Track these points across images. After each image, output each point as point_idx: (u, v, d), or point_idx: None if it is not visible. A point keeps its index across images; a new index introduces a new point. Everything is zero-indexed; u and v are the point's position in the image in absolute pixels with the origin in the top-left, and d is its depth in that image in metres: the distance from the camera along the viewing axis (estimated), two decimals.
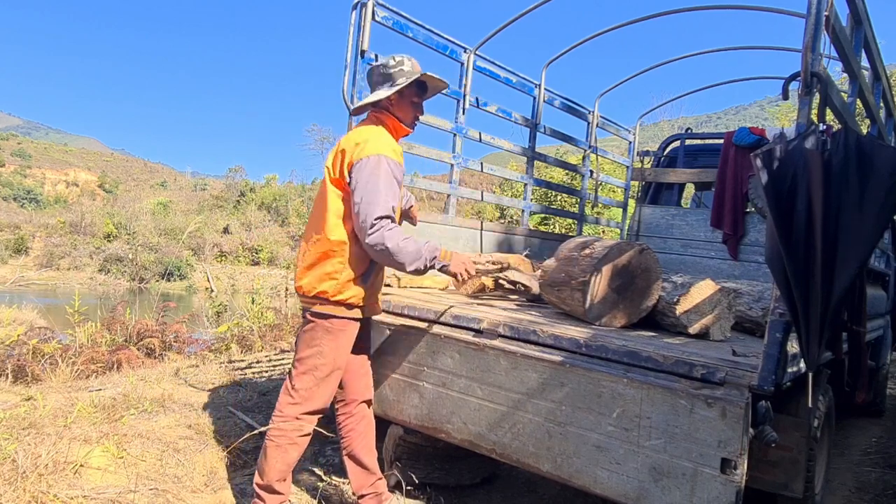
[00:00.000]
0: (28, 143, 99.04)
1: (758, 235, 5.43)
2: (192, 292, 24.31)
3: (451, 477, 3.36)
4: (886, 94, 3.88)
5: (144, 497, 2.72)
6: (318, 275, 2.61)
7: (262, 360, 5.85)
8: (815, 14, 2.14)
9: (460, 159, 4.54)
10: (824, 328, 2.06)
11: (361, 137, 2.60)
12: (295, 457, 2.71)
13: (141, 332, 6.49)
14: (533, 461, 2.57)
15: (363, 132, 2.64)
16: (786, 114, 15.66)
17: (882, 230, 2.18)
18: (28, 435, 2.92)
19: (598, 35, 5.39)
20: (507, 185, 19.28)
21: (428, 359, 2.95)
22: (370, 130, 2.65)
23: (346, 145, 2.60)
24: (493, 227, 5.00)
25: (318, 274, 2.61)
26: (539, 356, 2.58)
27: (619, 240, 4.07)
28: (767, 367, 2.10)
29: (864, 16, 2.85)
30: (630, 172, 6.69)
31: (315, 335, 2.65)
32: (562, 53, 5.50)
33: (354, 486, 2.91)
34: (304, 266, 2.66)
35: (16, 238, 28.78)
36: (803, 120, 2.17)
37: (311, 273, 2.62)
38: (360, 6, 3.51)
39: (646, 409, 2.28)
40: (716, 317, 2.99)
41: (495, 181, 25.49)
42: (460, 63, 4.54)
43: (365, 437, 2.89)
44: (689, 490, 2.16)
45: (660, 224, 6.13)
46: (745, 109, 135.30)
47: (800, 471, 2.39)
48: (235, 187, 42.93)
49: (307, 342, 2.66)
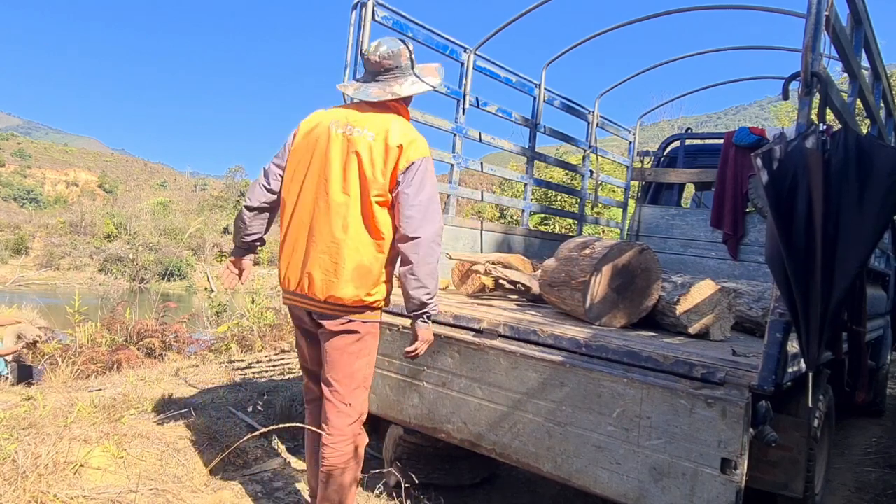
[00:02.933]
0: (28, 143, 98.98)
1: (758, 235, 5.43)
2: (191, 292, 24.31)
3: (451, 477, 3.36)
4: (886, 94, 3.88)
5: (144, 497, 2.72)
6: (369, 280, 2.35)
7: (262, 360, 5.85)
8: (815, 14, 2.14)
9: (460, 159, 4.54)
10: (824, 328, 2.06)
11: (412, 133, 2.39)
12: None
13: (141, 332, 6.50)
14: (533, 461, 2.57)
15: (407, 126, 2.41)
16: (786, 114, 15.65)
17: (882, 230, 2.18)
18: (28, 435, 2.92)
19: (598, 35, 5.39)
20: (507, 185, 19.29)
21: (428, 359, 2.95)
22: (410, 126, 2.44)
23: (402, 139, 2.32)
24: (493, 227, 5.00)
25: (370, 280, 2.35)
26: (539, 356, 2.58)
27: (619, 240, 4.07)
28: (767, 367, 2.10)
29: (864, 16, 2.85)
30: (630, 172, 6.68)
31: (367, 345, 2.43)
32: (562, 53, 5.50)
33: (313, 487, 2.69)
34: (338, 270, 2.31)
35: (16, 238, 28.78)
36: (803, 120, 2.17)
37: (355, 279, 2.32)
38: (360, 6, 3.51)
39: (646, 409, 2.28)
40: (716, 317, 2.99)
41: (495, 181, 25.48)
42: (460, 63, 4.54)
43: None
44: (689, 490, 2.16)
45: (660, 224, 6.12)
46: (745, 109, 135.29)
47: (800, 471, 2.39)
48: (235, 187, 42.94)
49: (357, 354, 2.41)
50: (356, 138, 2.35)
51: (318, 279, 2.34)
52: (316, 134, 2.42)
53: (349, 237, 2.32)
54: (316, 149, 2.40)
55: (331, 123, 2.41)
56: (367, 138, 2.33)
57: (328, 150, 2.37)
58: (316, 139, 2.42)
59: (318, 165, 2.38)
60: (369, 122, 2.38)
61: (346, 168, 2.34)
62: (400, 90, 2.43)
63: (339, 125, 2.39)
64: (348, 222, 2.32)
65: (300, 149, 2.45)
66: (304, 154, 2.43)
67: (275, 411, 4.02)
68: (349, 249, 2.31)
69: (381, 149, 2.32)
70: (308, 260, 2.36)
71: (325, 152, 2.38)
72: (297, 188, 2.43)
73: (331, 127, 2.40)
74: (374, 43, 2.48)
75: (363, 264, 2.33)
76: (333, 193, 2.34)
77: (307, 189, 2.40)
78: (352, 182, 2.33)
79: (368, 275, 2.35)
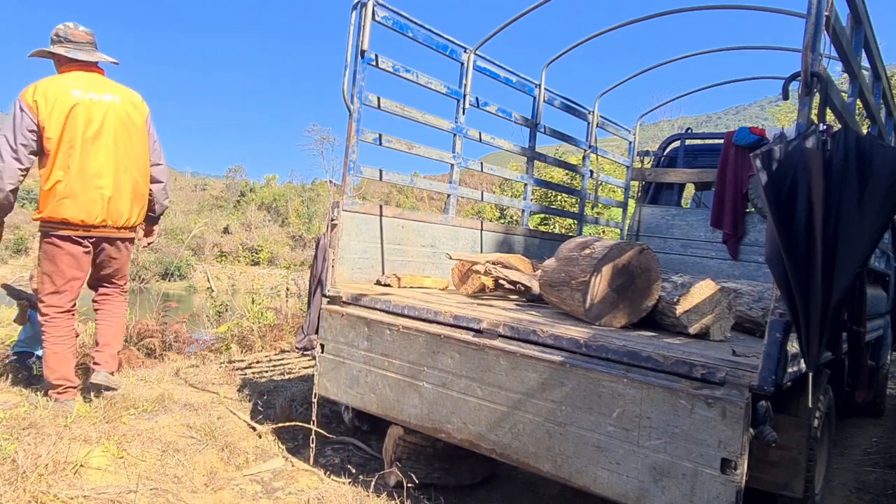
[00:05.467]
0: None
1: (758, 235, 5.44)
2: (192, 292, 24.32)
3: (451, 477, 3.36)
4: (886, 94, 3.88)
5: (144, 497, 2.72)
6: (142, 206, 3.66)
7: (262, 360, 5.85)
8: (815, 14, 2.14)
9: (460, 159, 4.54)
10: (824, 328, 2.06)
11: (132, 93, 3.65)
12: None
13: (141, 332, 6.48)
14: (533, 461, 2.57)
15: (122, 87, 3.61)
16: (786, 114, 15.66)
17: (882, 230, 2.18)
18: (28, 435, 2.92)
19: (598, 35, 5.39)
20: (507, 185, 19.29)
21: (428, 359, 2.95)
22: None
23: (134, 99, 3.59)
24: (493, 227, 5.00)
25: (143, 205, 3.66)
26: (539, 356, 2.58)
27: (619, 240, 4.07)
28: (767, 367, 2.10)
29: (864, 16, 2.85)
30: (630, 172, 6.68)
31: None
32: (562, 53, 5.50)
33: (73, 378, 3.54)
34: (131, 199, 3.54)
35: (16, 238, 28.76)
36: (803, 120, 2.17)
37: (137, 205, 3.59)
38: (360, 6, 3.51)
39: (646, 409, 2.28)
40: (716, 317, 2.99)
41: (495, 181, 25.49)
42: (460, 63, 4.54)
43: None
44: (689, 490, 2.16)
45: (660, 224, 6.13)
46: (745, 109, 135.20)
47: (800, 471, 2.39)
48: (235, 187, 42.92)
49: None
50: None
51: None
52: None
53: (141, 172, 3.74)
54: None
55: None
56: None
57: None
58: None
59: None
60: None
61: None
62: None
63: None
64: (141, 163, 3.71)
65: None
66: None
67: (275, 411, 4.02)
68: (142, 181, 3.71)
69: (130, 105, 3.65)
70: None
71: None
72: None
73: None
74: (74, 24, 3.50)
75: (144, 193, 3.76)
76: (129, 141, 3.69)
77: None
78: (140, 132, 3.76)
79: (143, 201, 3.73)
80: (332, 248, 3.49)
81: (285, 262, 28.42)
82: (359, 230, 3.80)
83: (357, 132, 3.57)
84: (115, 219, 3.48)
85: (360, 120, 3.58)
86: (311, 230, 34.62)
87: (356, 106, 3.54)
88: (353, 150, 3.54)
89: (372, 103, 3.76)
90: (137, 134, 3.57)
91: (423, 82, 4.15)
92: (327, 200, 36.04)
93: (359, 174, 3.71)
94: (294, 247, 33.69)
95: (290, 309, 8.72)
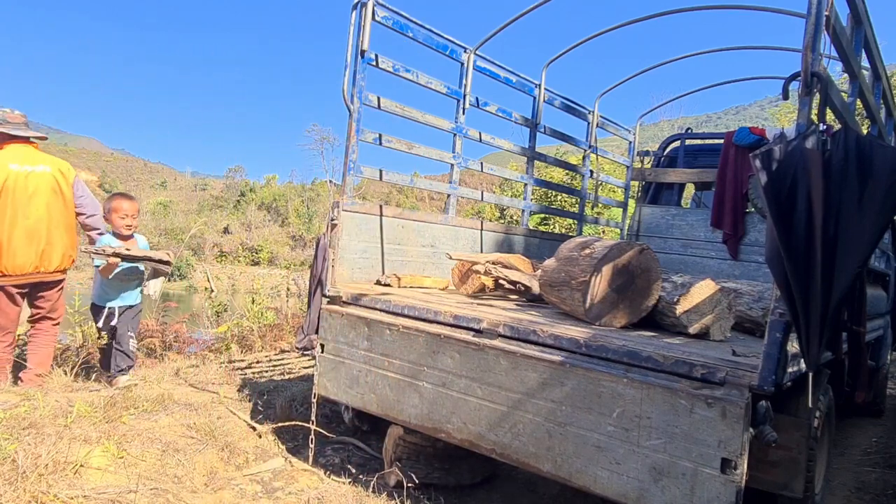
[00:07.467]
0: None
1: (758, 235, 5.44)
2: (192, 292, 24.31)
3: (451, 477, 3.36)
4: (886, 94, 3.88)
5: (144, 497, 2.72)
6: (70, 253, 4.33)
7: (262, 360, 5.85)
8: (815, 14, 2.14)
9: (460, 159, 4.54)
10: (824, 328, 2.06)
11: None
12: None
13: (141, 332, 6.47)
14: (533, 461, 2.57)
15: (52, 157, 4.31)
16: (786, 114, 15.66)
17: (882, 230, 2.18)
18: (28, 435, 2.92)
19: (598, 35, 5.39)
20: (507, 185, 19.29)
21: (428, 359, 2.95)
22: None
23: (62, 167, 4.29)
24: (493, 227, 5.00)
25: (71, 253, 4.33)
26: (539, 356, 2.58)
27: (619, 240, 4.07)
28: (767, 367, 2.10)
29: (864, 16, 2.85)
30: (630, 172, 6.69)
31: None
32: (562, 53, 5.50)
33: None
34: (62, 249, 4.25)
35: None
36: (803, 120, 2.17)
37: (67, 252, 4.29)
38: (360, 6, 3.51)
39: (646, 409, 2.28)
40: (716, 317, 2.99)
41: (495, 181, 25.50)
42: (460, 63, 4.54)
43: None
44: (689, 490, 2.16)
45: (660, 224, 6.13)
46: (745, 109, 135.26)
47: (800, 471, 2.39)
48: (235, 187, 42.96)
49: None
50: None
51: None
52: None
53: (62, 227, 4.38)
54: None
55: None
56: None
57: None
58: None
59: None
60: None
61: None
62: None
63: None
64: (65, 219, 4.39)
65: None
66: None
67: (275, 411, 4.03)
68: (66, 234, 4.36)
69: (59, 174, 4.32)
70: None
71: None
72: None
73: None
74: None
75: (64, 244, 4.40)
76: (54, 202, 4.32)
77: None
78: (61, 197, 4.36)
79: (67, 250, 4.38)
80: (332, 247, 3.49)
81: (285, 262, 28.44)
82: (359, 230, 3.81)
83: (357, 132, 3.57)
84: (47, 265, 4.24)
85: (360, 120, 3.58)
86: (311, 230, 34.63)
87: (356, 106, 3.54)
88: (353, 150, 3.54)
89: (372, 103, 3.76)
90: (64, 197, 4.32)
91: (423, 82, 4.15)
92: (327, 200, 36.03)
93: (359, 174, 3.71)
94: (294, 247, 33.70)
95: (290, 309, 8.73)
